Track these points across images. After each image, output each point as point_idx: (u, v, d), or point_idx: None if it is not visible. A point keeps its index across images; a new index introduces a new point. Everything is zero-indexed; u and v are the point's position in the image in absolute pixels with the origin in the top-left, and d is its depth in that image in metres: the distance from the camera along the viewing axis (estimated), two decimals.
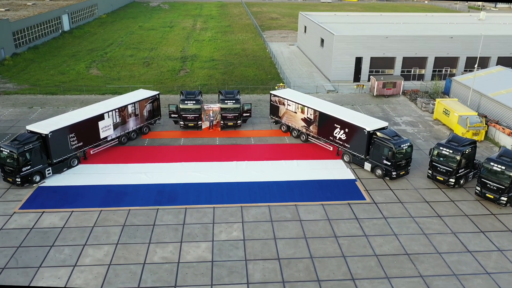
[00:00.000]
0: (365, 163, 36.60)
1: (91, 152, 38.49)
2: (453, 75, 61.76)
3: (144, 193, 33.02)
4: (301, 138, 42.57)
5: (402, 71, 62.69)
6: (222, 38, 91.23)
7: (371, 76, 56.72)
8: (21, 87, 57.74)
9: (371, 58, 61.71)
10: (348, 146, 37.81)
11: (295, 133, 43.16)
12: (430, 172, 34.98)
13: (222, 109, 44.31)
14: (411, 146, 35.19)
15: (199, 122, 44.57)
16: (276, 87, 56.63)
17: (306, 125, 41.53)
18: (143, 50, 79.56)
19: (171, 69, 67.43)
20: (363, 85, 57.50)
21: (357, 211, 31.11)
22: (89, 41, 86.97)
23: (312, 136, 41.37)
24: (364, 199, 32.90)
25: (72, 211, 30.38)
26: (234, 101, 44.52)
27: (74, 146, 36.23)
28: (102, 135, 38.77)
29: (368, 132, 35.84)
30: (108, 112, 39.01)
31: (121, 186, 33.98)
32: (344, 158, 38.53)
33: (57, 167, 35.08)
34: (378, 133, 35.62)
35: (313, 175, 36.05)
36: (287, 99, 43.18)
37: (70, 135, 35.75)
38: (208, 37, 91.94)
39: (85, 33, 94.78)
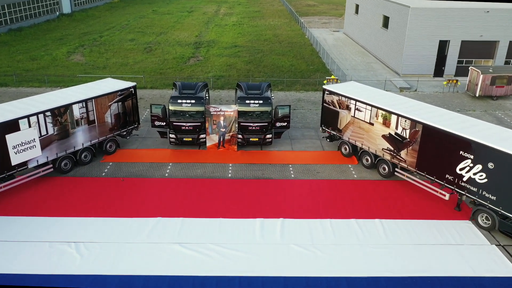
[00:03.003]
0: None
1: None
2: None
3: None
4: (381, 170, 23.14)
5: (506, 62, 42.11)
6: (249, 23, 72.17)
7: (471, 68, 36.41)
8: None
9: (462, 42, 41.44)
10: (493, 198, 18.15)
11: (367, 159, 23.78)
12: None
13: (241, 114, 25.43)
14: None
15: (202, 136, 25.83)
16: (324, 82, 37.22)
17: (392, 148, 22.08)
18: (149, 34, 61.42)
19: (179, 56, 48.91)
20: (456, 81, 37.27)
21: None
22: (88, 25, 69.52)
23: (404, 169, 21.99)
24: None
25: None
26: (261, 101, 25.47)
27: None
28: (15, 160, 20.45)
29: None
30: (28, 116, 20.66)
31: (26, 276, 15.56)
32: (480, 221, 18.87)
33: None
34: None
35: (424, 263, 16.67)
36: (355, 99, 23.82)
37: None
38: (232, 22, 73.04)
39: (87, 17, 77.63)
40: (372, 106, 22.79)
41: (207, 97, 26.60)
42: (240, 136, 25.76)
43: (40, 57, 47.62)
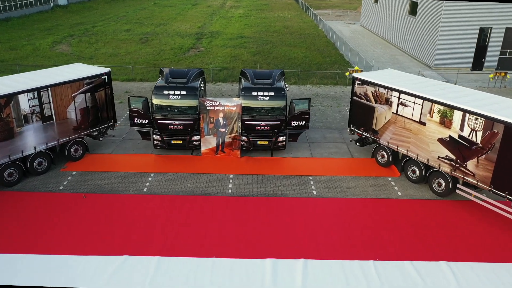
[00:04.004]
0: None
1: None
2: None
3: None
4: (435, 185, 16.86)
5: None
6: (256, 15, 66.08)
7: None
8: None
9: (507, 29, 35.09)
10: None
11: (415, 171, 17.59)
12: None
13: (246, 109, 19.34)
14: None
15: (195, 138, 19.76)
16: (346, 74, 31.10)
17: (454, 156, 15.83)
18: (147, 25, 55.55)
19: (178, 47, 42.93)
20: (505, 73, 30.90)
21: None
22: (82, 16, 63.82)
23: (471, 185, 15.80)
24: None
25: None
26: (273, 93, 19.32)
27: None
28: None
29: None
30: None
31: None
32: None
33: None
34: None
35: None
36: (400, 91, 17.61)
37: None
38: (239, 14, 66.98)
39: (84, 8, 72.00)
40: (425, 99, 16.60)
41: (202, 88, 20.57)
42: (244, 138, 19.72)
43: (21, 47, 41.88)
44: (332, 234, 14.43)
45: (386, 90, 18.15)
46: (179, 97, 19.07)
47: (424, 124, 16.77)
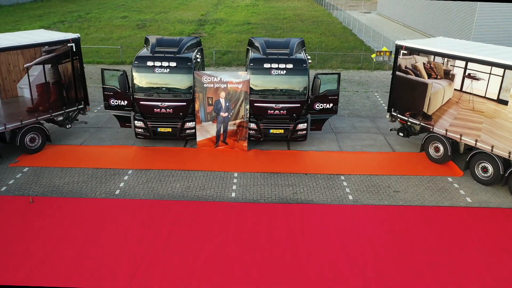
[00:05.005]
0: None
1: None
2: None
3: None
4: None
5: None
6: (264, 5, 61.36)
7: None
8: None
9: None
10: None
11: (486, 169, 12.73)
12: None
13: (255, 88, 14.69)
14: None
15: (189, 125, 15.00)
16: (373, 56, 26.35)
17: None
18: (146, 13, 51.06)
19: (177, 32, 38.27)
20: None
21: None
22: (79, 5, 59.44)
23: None
24: None
25: None
26: (291, 65, 14.38)
27: None
28: None
29: None
30: None
31: None
32: None
33: None
34: None
35: None
36: (467, 58, 12.83)
37: None
38: (245, 3, 62.38)
39: None
40: (508, 67, 11.80)
41: (199, 60, 15.88)
42: (253, 125, 15.03)
43: (4, 31, 37.49)
44: (385, 261, 9.66)
45: (445, 59, 13.35)
46: (168, 70, 14.39)
47: (505, 103, 11.95)
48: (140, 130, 15.05)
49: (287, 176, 13.43)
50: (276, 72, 14.42)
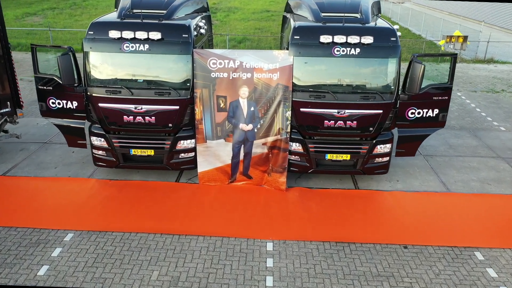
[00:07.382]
0: None
1: None
2: None
3: None
4: None
5: None
6: None
7: None
8: None
9: None
10: None
11: None
12: None
13: (299, 86, 8.09)
14: None
15: (183, 143, 8.45)
16: (441, 43, 19.64)
17: None
18: None
19: None
20: None
21: None
22: None
23: None
24: None
25: None
26: (371, 39, 7.59)
27: None
28: None
29: None
30: None
31: None
32: None
33: None
34: None
35: None
36: None
37: None
38: None
39: None
40: None
41: (202, 32, 9.36)
42: (297, 147, 8.50)
43: None
44: None
45: None
46: (147, 46, 7.89)
47: None
48: (100, 152, 8.59)
49: (367, 249, 6.87)
50: (343, 51, 7.85)
